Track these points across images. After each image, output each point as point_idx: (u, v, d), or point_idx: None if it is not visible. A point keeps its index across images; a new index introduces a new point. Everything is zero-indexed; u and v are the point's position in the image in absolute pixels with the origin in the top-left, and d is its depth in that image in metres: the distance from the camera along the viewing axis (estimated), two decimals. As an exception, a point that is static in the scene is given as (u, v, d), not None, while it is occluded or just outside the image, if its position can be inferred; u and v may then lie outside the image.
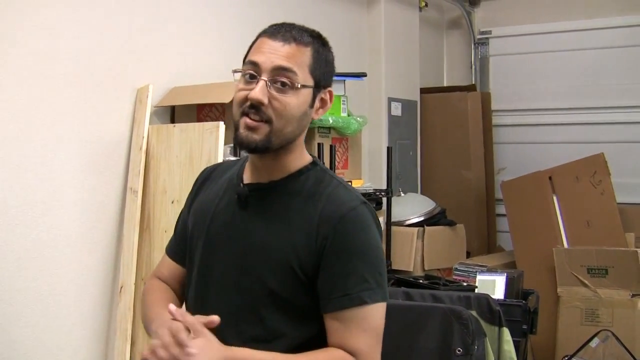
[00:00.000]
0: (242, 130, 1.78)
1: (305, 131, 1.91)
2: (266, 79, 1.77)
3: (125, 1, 3.43)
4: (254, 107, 1.77)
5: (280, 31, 1.84)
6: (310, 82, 1.83)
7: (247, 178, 1.91)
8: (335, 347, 1.78)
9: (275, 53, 1.79)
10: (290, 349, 1.78)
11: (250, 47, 1.87)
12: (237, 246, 1.86)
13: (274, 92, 1.77)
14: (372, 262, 1.81)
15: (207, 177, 2.03)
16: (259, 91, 1.75)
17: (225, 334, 1.74)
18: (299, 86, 1.79)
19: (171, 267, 2.04)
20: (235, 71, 1.86)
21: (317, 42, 1.88)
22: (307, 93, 1.83)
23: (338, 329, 1.78)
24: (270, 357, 1.75)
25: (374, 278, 1.80)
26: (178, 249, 2.03)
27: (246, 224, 1.86)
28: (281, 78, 1.77)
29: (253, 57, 1.81)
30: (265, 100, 1.76)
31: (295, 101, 1.79)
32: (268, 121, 1.77)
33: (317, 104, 1.88)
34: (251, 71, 1.79)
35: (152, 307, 1.95)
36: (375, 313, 1.81)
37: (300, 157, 1.92)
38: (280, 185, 1.87)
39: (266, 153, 1.82)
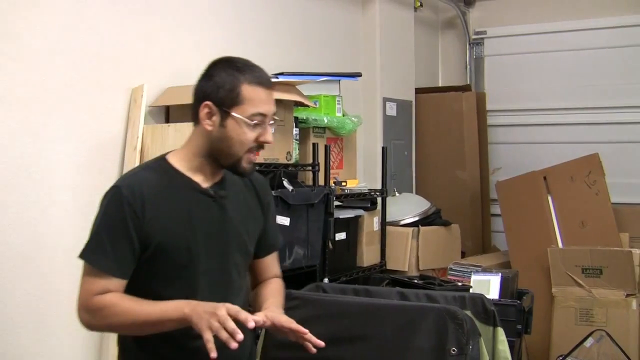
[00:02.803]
0: (246, 165, 2.18)
1: None
2: (271, 123, 2.19)
3: (120, 1, 3.43)
4: (261, 147, 2.19)
5: (268, 79, 2.20)
6: None
7: (202, 182, 2.23)
8: (274, 278, 2.47)
9: (272, 101, 2.19)
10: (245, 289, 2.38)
11: (233, 90, 2.14)
12: (225, 235, 2.24)
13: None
14: None
15: (142, 198, 2.12)
16: (271, 135, 2.18)
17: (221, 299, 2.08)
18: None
19: (117, 285, 2.12)
20: (225, 110, 2.15)
21: None
22: None
23: (273, 264, 2.49)
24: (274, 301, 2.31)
25: None
26: (126, 267, 2.13)
27: (226, 217, 2.25)
28: (273, 120, 2.21)
29: (261, 109, 2.15)
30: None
31: None
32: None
33: None
34: (258, 120, 2.14)
35: (142, 306, 2.09)
36: None
37: None
38: (227, 179, 2.28)
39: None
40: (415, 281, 3.57)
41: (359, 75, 4.46)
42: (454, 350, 2.62)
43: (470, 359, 2.63)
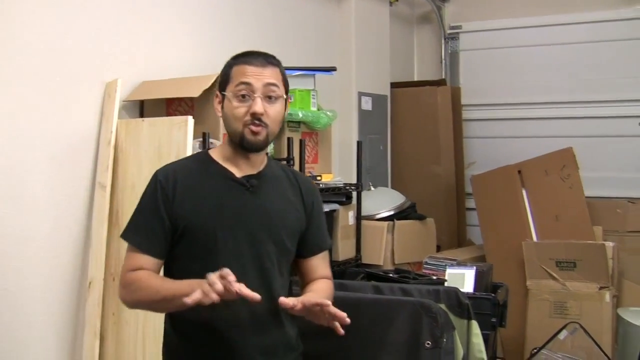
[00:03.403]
0: (249, 137, 2.27)
1: None
2: (260, 95, 2.26)
3: (94, -6, 3.41)
4: (256, 119, 2.25)
5: (255, 58, 2.32)
6: (284, 93, 2.35)
7: (237, 173, 2.34)
8: (322, 279, 2.48)
9: (260, 75, 2.28)
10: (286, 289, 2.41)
11: (226, 73, 2.33)
12: (257, 223, 2.31)
13: (266, 104, 2.28)
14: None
15: (175, 182, 2.30)
16: (260, 106, 2.25)
17: (257, 287, 2.14)
18: (282, 96, 2.32)
19: (151, 263, 2.26)
20: (223, 93, 2.32)
21: (278, 62, 2.37)
22: (283, 101, 2.35)
23: (321, 265, 2.50)
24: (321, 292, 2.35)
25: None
26: (159, 246, 2.28)
27: (259, 206, 2.33)
28: (270, 93, 2.29)
29: (243, 79, 2.27)
30: (263, 111, 2.26)
31: (279, 108, 2.33)
32: (265, 126, 2.28)
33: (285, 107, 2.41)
34: (244, 91, 2.27)
35: (164, 283, 2.22)
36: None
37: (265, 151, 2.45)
38: (266, 173, 2.39)
39: (261, 150, 2.34)
40: (391, 275, 3.58)
41: (333, 69, 4.45)
42: (428, 344, 2.64)
43: (445, 352, 2.64)
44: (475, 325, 2.90)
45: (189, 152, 3.14)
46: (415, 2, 6.70)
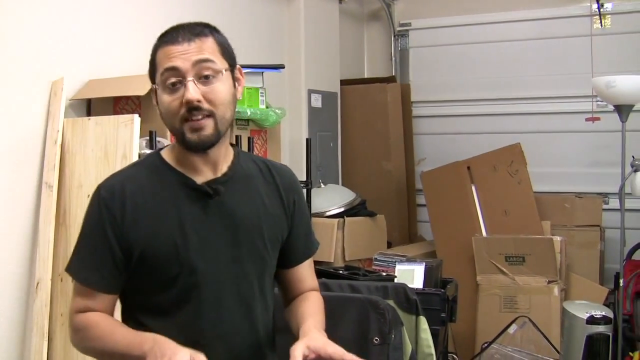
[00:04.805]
0: (191, 135, 1.85)
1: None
2: (192, 78, 1.83)
3: (38, -9, 3.36)
4: (193, 109, 1.83)
5: (178, 34, 1.88)
6: (227, 65, 1.91)
7: (197, 178, 1.94)
8: (310, 291, 2.15)
9: (187, 53, 1.84)
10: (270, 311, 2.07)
11: (153, 61, 1.92)
12: (227, 239, 1.93)
13: (203, 87, 1.84)
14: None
15: (123, 199, 1.88)
16: (192, 92, 1.82)
17: (237, 318, 1.93)
18: (223, 72, 1.88)
19: (102, 301, 1.90)
20: (154, 86, 1.90)
21: (211, 29, 1.95)
22: (228, 76, 1.91)
23: (307, 274, 2.16)
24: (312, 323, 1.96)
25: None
26: (111, 280, 1.90)
27: (228, 217, 1.94)
28: (204, 71, 1.85)
29: (167, 64, 1.85)
30: (201, 97, 1.83)
31: (223, 86, 1.88)
32: (210, 114, 1.85)
33: (235, 83, 1.97)
34: (173, 78, 1.84)
35: (113, 334, 1.86)
36: None
37: (228, 143, 2.03)
38: (234, 173, 1.98)
39: (216, 144, 1.90)
40: (340, 272, 3.58)
41: (282, 67, 4.44)
42: (376, 340, 2.64)
43: (393, 348, 2.65)
44: (423, 321, 2.92)
45: (136, 151, 3.11)
46: (364, 0, 6.71)
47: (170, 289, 1.89)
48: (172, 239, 1.88)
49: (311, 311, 2.03)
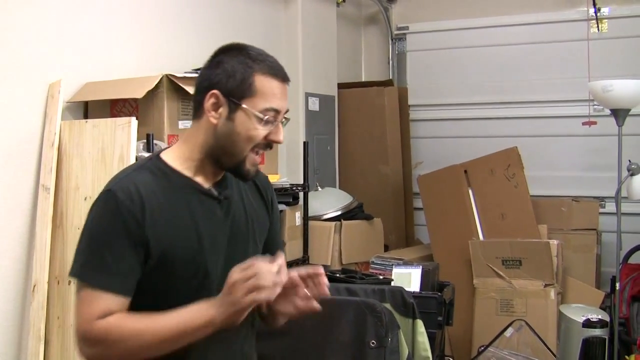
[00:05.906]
0: (250, 167, 1.92)
1: None
2: (283, 121, 1.93)
3: (36, -6, 3.36)
4: (270, 147, 1.94)
5: (283, 72, 1.94)
6: None
7: (204, 182, 1.96)
8: None
9: (286, 97, 1.93)
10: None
11: (245, 79, 1.90)
12: (234, 241, 1.98)
13: None
14: None
15: (142, 201, 1.84)
16: (282, 135, 1.93)
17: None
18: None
19: (121, 304, 1.82)
20: (236, 102, 1.89)
21: None
22: None
23: None
24: None
25: None
26: (132, 281, 1.84)
27: (232, 220, 1.99)
28: (285, 118, 1.95)
29: (275, 104, 1.89)
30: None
31: None
32: None
33: None
34: (273, 114, 1.89)
35: (156, 319, 1.82)
36: None
37: None
38: (228, 176, 2.00)
39: None
40: (337, 275, 3.58)
41: (279, 70, 4.44)
42: (373, 343, 2.64)
43: (389, 351, 2.65)
44: (420, 324, 2.92)
45: (133, 154, 3.11)
46: (362, 3, 6.72)
47: (183, 290, 1.88)
48: (189, 241, 1.89)
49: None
